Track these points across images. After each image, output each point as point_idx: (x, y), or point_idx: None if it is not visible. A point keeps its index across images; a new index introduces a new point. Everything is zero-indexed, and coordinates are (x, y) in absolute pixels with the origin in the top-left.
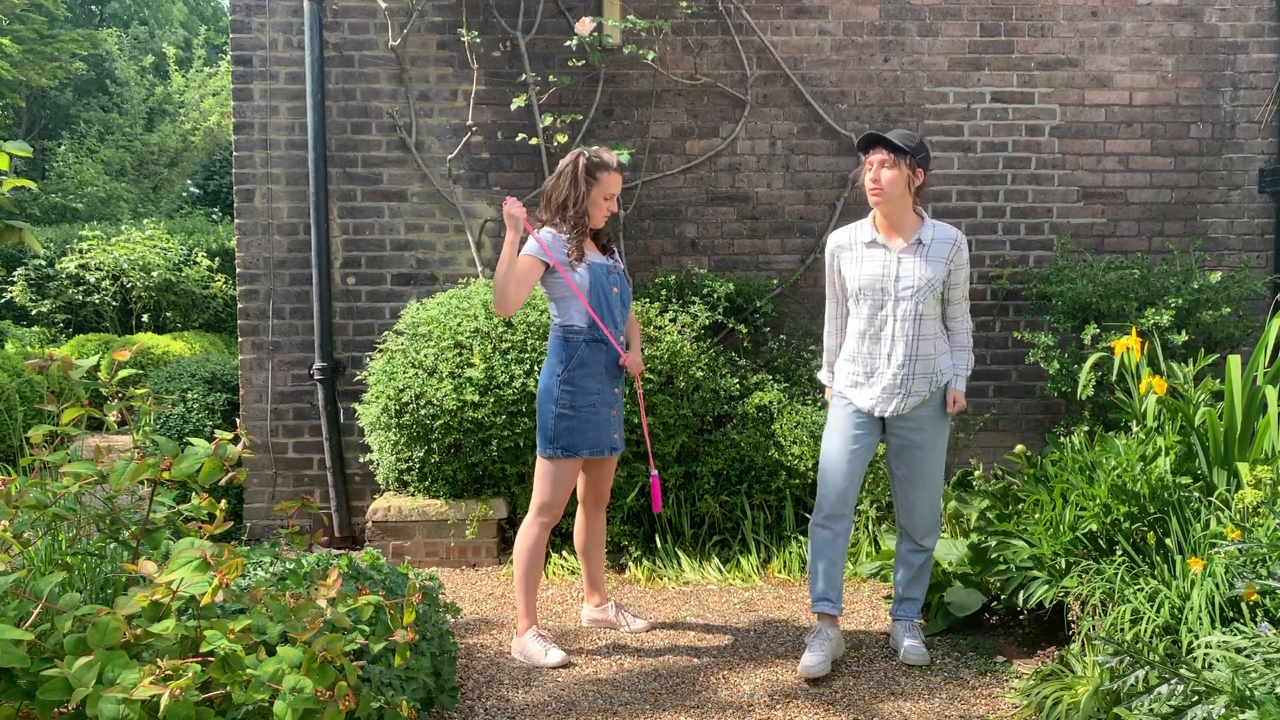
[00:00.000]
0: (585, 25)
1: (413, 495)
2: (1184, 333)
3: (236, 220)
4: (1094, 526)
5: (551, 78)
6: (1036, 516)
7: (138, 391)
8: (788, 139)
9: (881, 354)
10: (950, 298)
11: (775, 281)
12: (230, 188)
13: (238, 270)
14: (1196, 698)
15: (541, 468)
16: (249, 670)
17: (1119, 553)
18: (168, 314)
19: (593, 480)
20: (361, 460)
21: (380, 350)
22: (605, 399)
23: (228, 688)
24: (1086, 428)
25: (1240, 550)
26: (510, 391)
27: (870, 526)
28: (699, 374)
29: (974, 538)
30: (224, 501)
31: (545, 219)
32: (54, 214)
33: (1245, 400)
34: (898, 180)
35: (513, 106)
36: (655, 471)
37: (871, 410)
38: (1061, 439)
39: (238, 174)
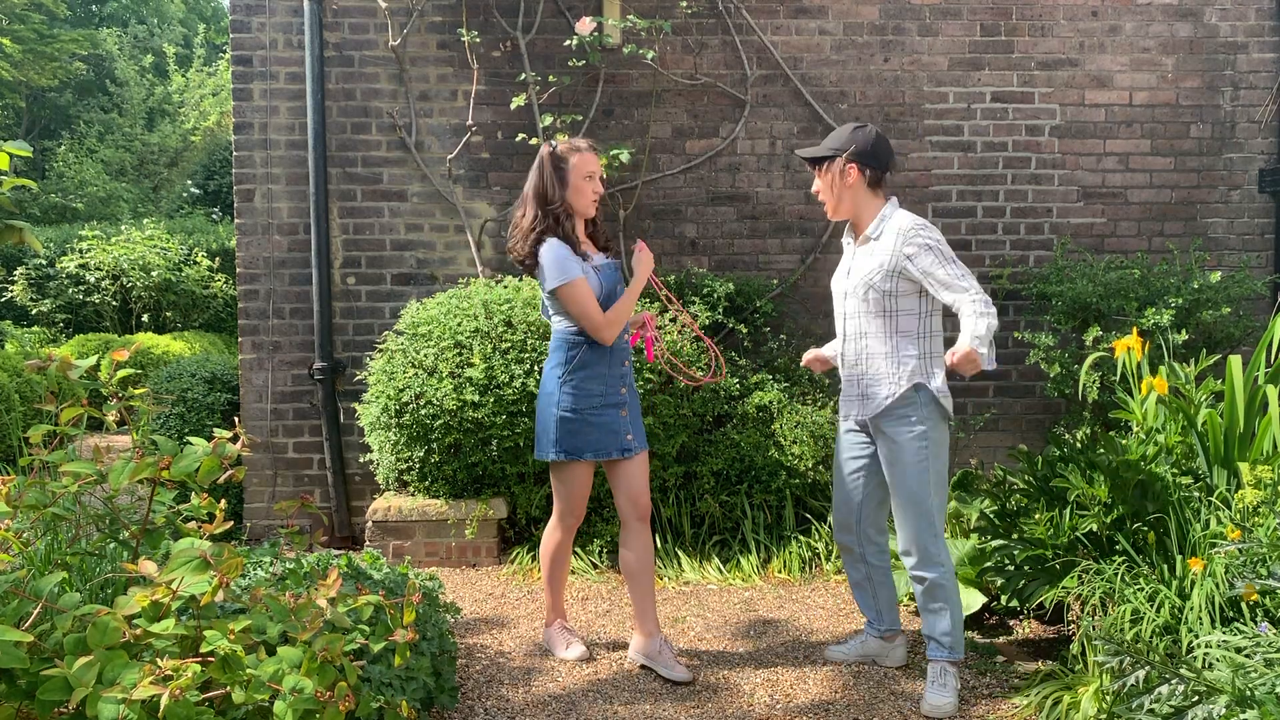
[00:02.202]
0: (585, 25)
1: (413, 495)
2: (1184, 333)
3: (236, 220)
4: (1094, 526)
5: (551, 78)
6: (1037, 516)
7: (137, 391)
8: (788, 139)
9: (840, 354)
10: (932, 290)
11: (775, 281)
12: (230, 188)
13: (238, 270)
14: (1197, 698)
15: (552, 473)
16: (249, 670)
17: (1119, 553)
18: (168, 314)
19: (623, 486)
20: (361, 460)
21: (380, 350)
22: (612, 400)
23: (228, 688)
24: (1087, 428)
25: (1240, 550)
26: (510, 391)
27: None
28: (699, 374)
29: (974, 538)
30: (224, 501)
31: (533, 223)
32: (54, 214)
33: (1246, 400)
34: (828, 187)
35: (513, 106)
36: (710, 341)
37: (847, 415)
38: (1062, 439)
39: (238, 174)
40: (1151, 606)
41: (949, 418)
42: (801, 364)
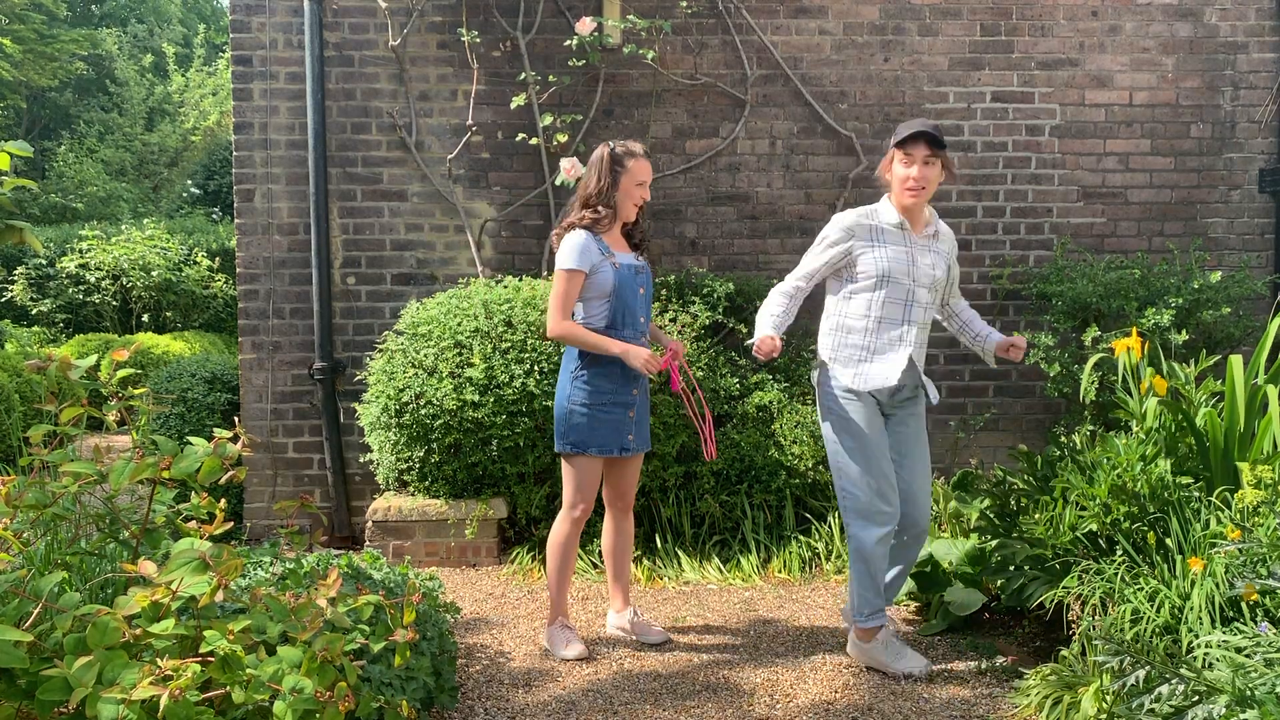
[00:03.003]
0: (585, 25)
1: (413, 495)
2: (1184, 333)
3: (236, 220)
4: (1094, 526)
5: (551, 77)
6: (1037, 516)
7: (137, 391)
8: (788, 139)
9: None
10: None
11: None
12: (230, 188)
13: (238, 270)
14: (1197, 697)
15: (563, 465)
16: (249, 670)
17: (1119, 553)
18: (168, 314)
19: (612, 480)
20: (361, 460)
21: (380, 350)
22: (621, 399)
23: (227, 688)
24: (1088, 428)
25: (1240, 550)
26: (510, 391)
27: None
28: (699, 374)
29: (974, 538)
30: (224, 501)
31: (576, 218)
32: (54, 214)
33: (1246, 400)
34: (936, 178)
35: (512, 106)
36: (710, 414)
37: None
38: (1062, 439)
39: (238, 174)
40: (1151, 606)
41: None
42: (762, 352)
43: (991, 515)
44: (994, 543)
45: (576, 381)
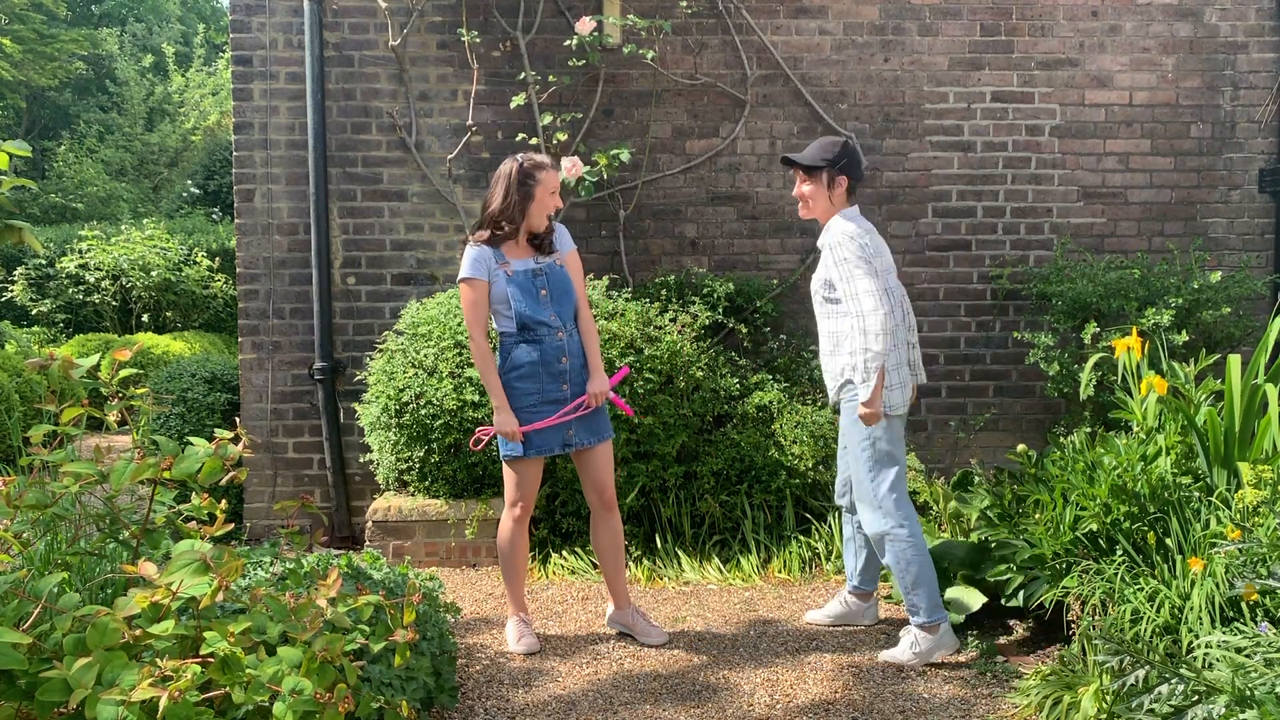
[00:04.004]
0: (585, 25)
1: (413, 495)
2: (1184, 333)
3: (236, 220)
4: (1094, 526)
5: (551, 77)
6: (1037, 516)
7: (138, 391)
8: (788, 139)
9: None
10: (832, 295)
11: (775, 281)
12: (230, 188)
13: (238, 270)
14: (1197, 697)
15: (503, 466)
16: (249, 671)
17: (1119, 553)
18: (168, 314)
19: (585, 477)
20: (361, 460)
21: (380, 350)
22: (549, 396)
23: (227, 688)
24: (1087, 428)
25: (1240, 550)
26: None
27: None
28: (699, 374)
29: (974, 538)
30: (224, 501)
31: (474, 236)
32: (54, 214)
33: (1246, 400)
34: (818, 194)
35: (512, 106)
36: (626, 366)
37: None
38: (1062, 439)
39: (238, 174)
40: (1151, 606)
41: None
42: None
43: (991, 515)
44: (994, 543)
45: (505, 387)
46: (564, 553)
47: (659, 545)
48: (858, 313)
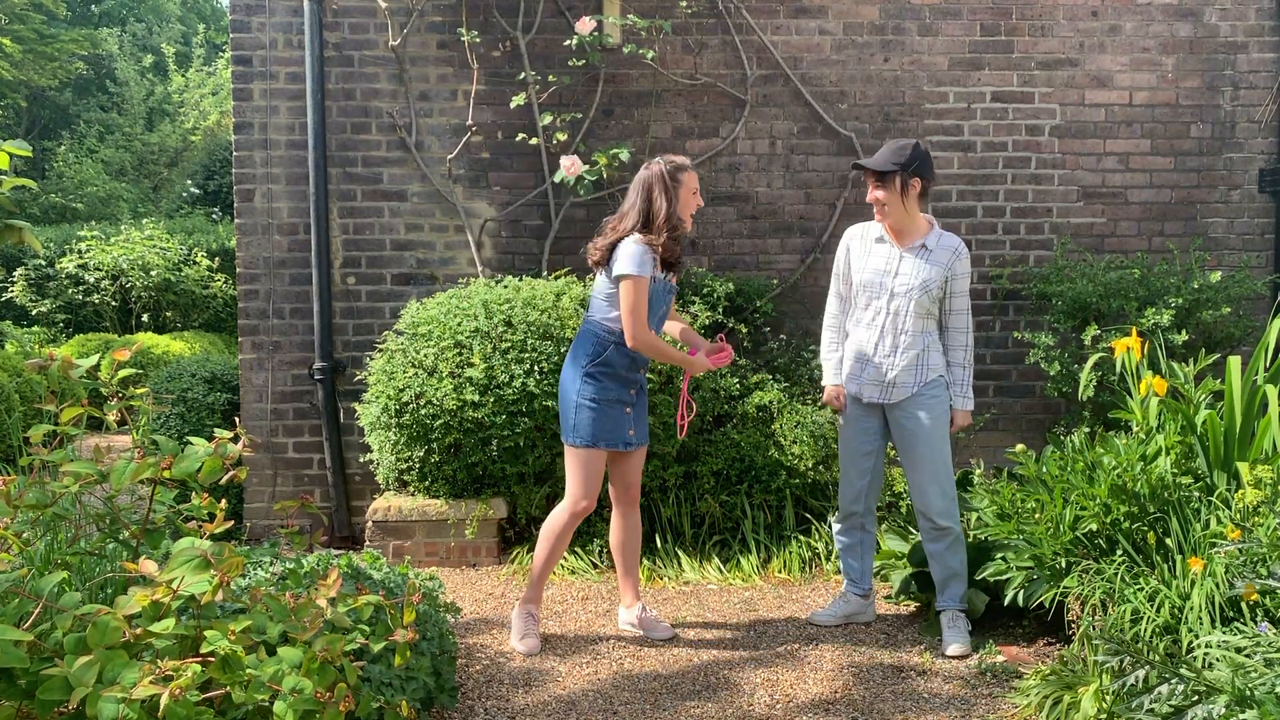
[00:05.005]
0: (585, 25)
1: (413, 495)
2: (1184, 333)
3: (236, 220)
4: (1094, 526)
5: (551, 77)
6: (1037, 516)
7: (137, 391)
8: (788, 139)
9: (872, 341)
10: (950, 306)
11: (775, 281)
12: (230, 188)
13: (238, 270)
14: (1197, 697)
15: (568, 456)
16: (249, 670)
17: (1119, 553)
18: (168, 314)
19: (618, 475)
20: (361, 460)
21: (380, 350)
22: (622, 398)
23: (228, 688)
24: (1087, 428)
25: (1240, 550)
26: (510, 391)
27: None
28: (699, 374)
29: (974, 538)
30: (224, 501)
31: (648, 235)
32: (54, 214)
33: (1245, 400)
34: (893, 198)
35: (512, 106)
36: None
37: (869, 399)
38: (1062, 439)
39: (238, 174)
40: (1151, 606)
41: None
42: (831, 404)
43: (992, 515)
44: (993, 542)
45: (586, 378)
46: (565, 554)
47: (659, 545)
48: (967, 327)
